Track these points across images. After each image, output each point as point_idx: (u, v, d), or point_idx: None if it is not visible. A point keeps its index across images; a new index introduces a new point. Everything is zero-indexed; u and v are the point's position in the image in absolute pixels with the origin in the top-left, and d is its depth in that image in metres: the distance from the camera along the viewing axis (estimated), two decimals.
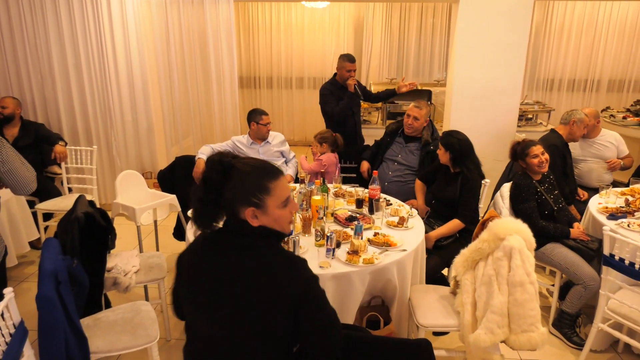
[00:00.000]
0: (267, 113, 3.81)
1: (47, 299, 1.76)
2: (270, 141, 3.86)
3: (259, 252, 1.46)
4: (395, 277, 2.35)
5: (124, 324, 2.21)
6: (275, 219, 1.46)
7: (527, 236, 2.15)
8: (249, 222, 1.43)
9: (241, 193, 1.42)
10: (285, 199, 1.47)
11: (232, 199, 1.43)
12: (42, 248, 2.07)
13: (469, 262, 2.29)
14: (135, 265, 2.72)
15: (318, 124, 7.59)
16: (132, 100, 4.64)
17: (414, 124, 3.47)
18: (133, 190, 3.39)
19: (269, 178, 1.45)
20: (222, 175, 1.42)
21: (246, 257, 1.45)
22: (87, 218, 2.36)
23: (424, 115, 3.45)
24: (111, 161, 4.82)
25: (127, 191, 3.34)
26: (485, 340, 2.08)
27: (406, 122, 3.51)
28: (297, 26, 7.20)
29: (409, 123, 3.48)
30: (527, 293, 2.08)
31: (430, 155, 3.47)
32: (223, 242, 1.49)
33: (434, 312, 2.35)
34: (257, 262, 1.44)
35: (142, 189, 3.49)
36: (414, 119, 3.46)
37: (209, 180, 1.44)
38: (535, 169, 2.85)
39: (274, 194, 1.44)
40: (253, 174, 1.44)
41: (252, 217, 1.43)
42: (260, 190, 1.43)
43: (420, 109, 3.44)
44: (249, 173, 1.44)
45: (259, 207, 1.43)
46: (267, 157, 3.81)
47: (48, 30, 4.38)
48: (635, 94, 7.03)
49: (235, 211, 1.44)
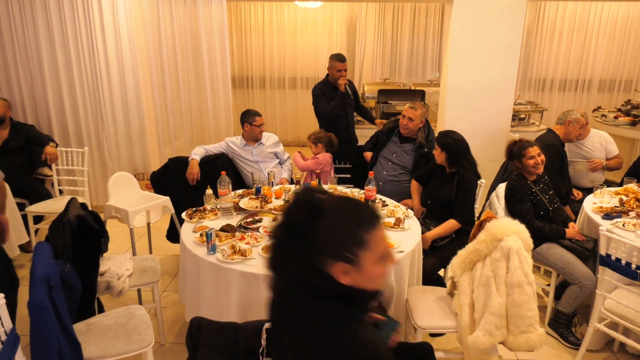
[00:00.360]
0: (261, 114, 3.78)
1: (40, 305, 1.72)
2: (264, 142, 3.83)
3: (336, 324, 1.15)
4: (392, 279, 2.33)
5: (118, 329, 2.18)
6: (370, 277, 1.19)
7: (524, 237, 2.15)
8: (336, 280, 1.15)
9: (331, 245, 1.14)
10: (383, 252, 1.20)
11: (319, 250, 1.15)
12: (33, 252, 2.03)
13: (467, 263, 2.28)
14: (128, 268, 2.68)
15: (311, 125, 7.56)
16: (124, 101, 4.59)
17: (408, 125, 3.46)
18: (126, 192, 3.34)
19: (366, 227, 1.16)
20: (310, 219, 1.15)
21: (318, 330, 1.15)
22: (80, 221, 2.32)
23: (419, 116, 3.44)
24: (102, 163, 4.76)
25: (120, 193, 3.29)
26: (484, 341, 2.07)
27: (401, 122, 3.51)
28: (290, 26, 7.18)
29: (404, 124, 3.48)
30: (525, 294, 2.07)
31: (424, 157, 3.47)
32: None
33: (431, 314, 2.34)
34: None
35: (135, 190, 3.44)
36: (408, 119, 3.45)
37: (295, 225, 1.18)
38: (530, 170, 2.85)
39: (371, 247, 1.16)
40: (347, 222, 1.16)
41: (342, 273, 1.15)
42: (356, 243, 1.15)
43: (415, 109, 3.43)
44: (342, 220, 1.16)
45: (353, 263, 1.15)
46: (260, 159, 3.79)
47: (38, 30, 4.32)
48: (626, 94, 7.09)
49: (319, 264, 1.16)
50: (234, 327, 1.57)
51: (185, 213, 2.86)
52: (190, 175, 3.60)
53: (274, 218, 2.83)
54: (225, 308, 2.26)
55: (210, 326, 1.56)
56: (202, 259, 2.33)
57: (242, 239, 2.50)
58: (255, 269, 2.21)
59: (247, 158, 3.78)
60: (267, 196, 3.04)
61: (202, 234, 2.52)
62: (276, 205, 2.98)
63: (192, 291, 2.48)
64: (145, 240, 4.16)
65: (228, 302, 2.24)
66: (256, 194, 3.14)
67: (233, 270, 2.22)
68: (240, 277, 2.21)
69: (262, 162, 3.79)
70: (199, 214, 2.85)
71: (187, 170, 3.62)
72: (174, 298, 3.33)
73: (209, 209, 2.93)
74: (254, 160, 3.77)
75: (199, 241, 2.47)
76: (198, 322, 1.57)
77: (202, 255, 2.33)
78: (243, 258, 2.28)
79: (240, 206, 2.93)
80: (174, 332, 2.97)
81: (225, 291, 2.25)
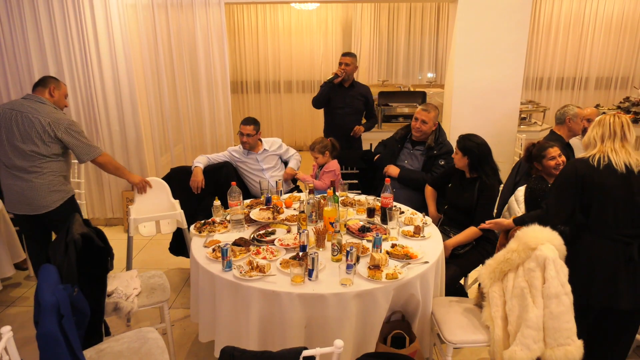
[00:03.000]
0: (250, 122, 3.58)
1: (51, 336, 1.58)
2: (267, 148, 3.70)
3: None
4: (418, 292, 2.23)
5: (131, 355, 2.03)
6: None
7: (559, 245, 2.05)
8: None
9: None
10: None
11: None
12: (38, 276, 1.88)
13: (497, 274, 2.18)
14: (136, 287, 2.53)
15: (308, 128, 7.48)
16: (119, 110, 4.41)
17: (422, 127, 3.34)
18: (154, 200, 3.26)
19: None
20: None
21: None
22: (84, 240, 2.17)
23: (432, 118, 3.33)
24: (98, 174, 4.58)
25: (148, 199, 3.20)
26: (522, 357, 1.97)
27: (414, 125, 3.38)
28: (285, 29, 7.05)
29: (417, 127, 3.36)
30: (563, 305, 1.97)
31: (433, 159, 3.37)
32: None
33: (461, 328, 2.23)
34: None
35: (165, 197, 3.33)
36: (422, 122, 3.33)
37: None
38: (552, 172, 2.76)
39: None
40: None
41: None
42: None
43: (429, 112, 3.32)
44: None
45: None
46: (266, 165, 3.65)
47: (27, 37, 4.13)
48: (622, 91, 7.10)
49: None
50: (270, 356, 1.44)
51: (194, 226, 2.72)
52: (195, 183, 3.46)
53: (287, 229, 2.71)
54: (244, 328, 2.13)
55: (244, 356, 1.44)
56: (217, 277, 2.19)
57: (258, 253, 2.37)
58: (276, 286, 2.08)
59: (252, 166, 3.65)
60: (278, 206, 2.91)
61: (214, 249, 2.39)
62: (288, 216, 2.86)
63: (206, 310, 2.35)
64: (142, 255, 4.01)
65: (247, 322, 2.11)
66: (266, 204, 3.02)
67: (252, 288, 2.08)
68: (260, 295, 2.08)
69: (266, 170, 3.66)
70: (208, 227, 2.71)
71: (191, 178, 3.48)
72: (180, 314, 3.18)
73: (218, 221, 2.79)
74: (260, 168, 3.64)
75: (211, 257, 2.33)
76: (230, 352, 1.44)
77: (218, 273, 2.20)
78: (262, 274, 2.15)
79: (252, 217, 2.80)
80: (184, 351, 2.82)
81: (244, 310, 2.12)
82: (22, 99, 2.89)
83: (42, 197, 2.85)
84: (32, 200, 2.84)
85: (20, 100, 2.89)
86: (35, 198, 2.84)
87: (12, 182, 2.85)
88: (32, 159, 2.80)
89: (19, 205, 2.88)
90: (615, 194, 2.09)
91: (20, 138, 2.78)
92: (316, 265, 2.11)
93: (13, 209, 2.93)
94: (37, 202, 2.85)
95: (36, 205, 2.85)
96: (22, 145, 2.78)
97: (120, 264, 3.61)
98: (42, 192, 2.85)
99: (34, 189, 2.83)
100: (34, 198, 2.84)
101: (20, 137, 2.78)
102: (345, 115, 4.16)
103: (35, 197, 2.84)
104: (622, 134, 2.17)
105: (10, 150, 2.80)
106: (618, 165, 2.10)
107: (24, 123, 2.77)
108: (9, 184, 2.87)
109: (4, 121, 2.80)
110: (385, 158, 3.57)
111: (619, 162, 2.11)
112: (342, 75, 4.02)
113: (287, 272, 2.16)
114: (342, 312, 2.05)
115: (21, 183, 2.82)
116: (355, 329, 2.11)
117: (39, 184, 2.83)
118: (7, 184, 2.89)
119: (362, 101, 4.18)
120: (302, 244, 2.30)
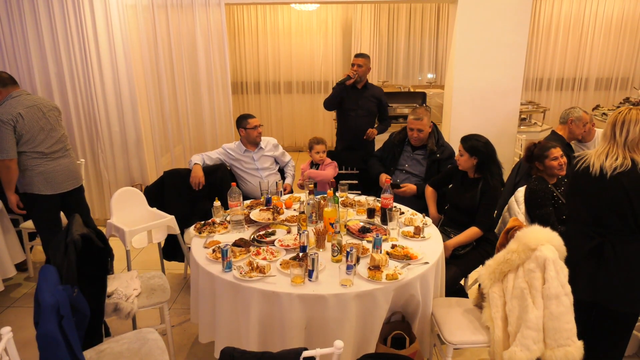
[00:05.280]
0: (255, 116, 3.64)
1: (51, 337, 1.57)
2: (263, 147, 3.69)
3: None
4: (418, 292, 2.23)
5: (131, 356, 2.03)
6: None
7: (559, 245, 2.05)
8: None
9: None
10: None
11: None
12: (38, 277, 1.88)
13: (497, 274, 2.17)
14: (136, 288, 2.53)
15: (308, 129, 7.48)
16: (119, 110, 4.42)
17: (420, 136, 3.36)
18: (131, 209, 3.13)
19: None
20: None
21: None
22: (84, 240, 2.17)
23: (427, 123, 3.34)
24: (98, 174, 4.58)
25: (124, 210, 3.09)
26: (522, 357, 1.96)
27: (411, 135, 3.40)
28: (285, 29, 7.05)
29: (415, 136, 3.37)
30: (563, 305, 1.97)
31: (437, 163, 3.37)
32: None
33: (461, 328, 2.23)
34: None
35: (142, 207, 3.21)
36: (417, 131, 3.35)
37: None
38: (554, 172, 2.76)
39: None
40: None
41: None
42: None
43: (421, 119, 3.32)
44: None
45: None
46: (261, 165, 3.65)
47: (27, 37, 4.14)
48: (622, 92, 7.10)
49: None
50: (270, 356, 1.44)
51: (194, 227, 2.72)
52: (195, 179, 3.43)
53: (287, 230, 2.71)
54: (244, 329, 2.13)
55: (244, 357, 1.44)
56: (217, 277, 2.19)
57: (258, 253, 2.37)
58: (276, 286, 2.08)
59: (247, 165, 3.64)
60: (278, 207, 2.91)
61: (214, 249, 2.39)
62: (289, 217, 2.86)
63: (206, 311, 2.35)
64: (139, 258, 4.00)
65: (247, 322, 2.11)
66: (266, 204, 3.02)
67: (252, 289, 2.08)
68: (260, 295, 2.08)
69: (262, 170, 3.65)
70: (208, 227, 2.71)
71: (191, 174, 3.45)
72: (178, 315, 3.18)
73: (218, 222, 2.79)
74: (255, 167, 3.64)
75: (211, 257, 2.33)
76: (230, 353, 1.44)
77: (218, 273, 2.20)
78: (262, 275, 2.15)
79: (252, 218, 2.80)
80: (185, 352, 2.82)
81: (244, 311, 2.12)
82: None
83: (78, 169, 3.45)
84: (76, 174, 3.36)
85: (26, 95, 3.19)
86: (77, 171, 3.39)
87: (56, 164, 3.19)
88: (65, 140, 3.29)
89: (66, 182, 3.26)
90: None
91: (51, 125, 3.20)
92: (316, 266, 2.11)
93: (58, 188, 3.21)
94: (79, 174, 3.41)
95: (79, 176, 3.41)
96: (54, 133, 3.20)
97: (120, 264, 3.61)
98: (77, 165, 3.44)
99: (74, 162, 3.36)
100: (77, 171, 3.38)
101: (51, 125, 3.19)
102: (358, 117, 4.09)
103: (77, 169, 3.41)
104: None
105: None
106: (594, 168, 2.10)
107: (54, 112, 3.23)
108: (53, 166, 3.18)
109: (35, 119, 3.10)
110: (377, 157, 3.65)
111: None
112: (355, 76, 3.95)
113: (287, 273, 2.16)
114: (342, 312, 2.05)
115: (65, 160, 3.26)
116: (355, 329, 2.11)
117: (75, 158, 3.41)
118: (51, 167, 3.17)
119: (375, 103, 4.12)
120: (302, 244, 2.30)
